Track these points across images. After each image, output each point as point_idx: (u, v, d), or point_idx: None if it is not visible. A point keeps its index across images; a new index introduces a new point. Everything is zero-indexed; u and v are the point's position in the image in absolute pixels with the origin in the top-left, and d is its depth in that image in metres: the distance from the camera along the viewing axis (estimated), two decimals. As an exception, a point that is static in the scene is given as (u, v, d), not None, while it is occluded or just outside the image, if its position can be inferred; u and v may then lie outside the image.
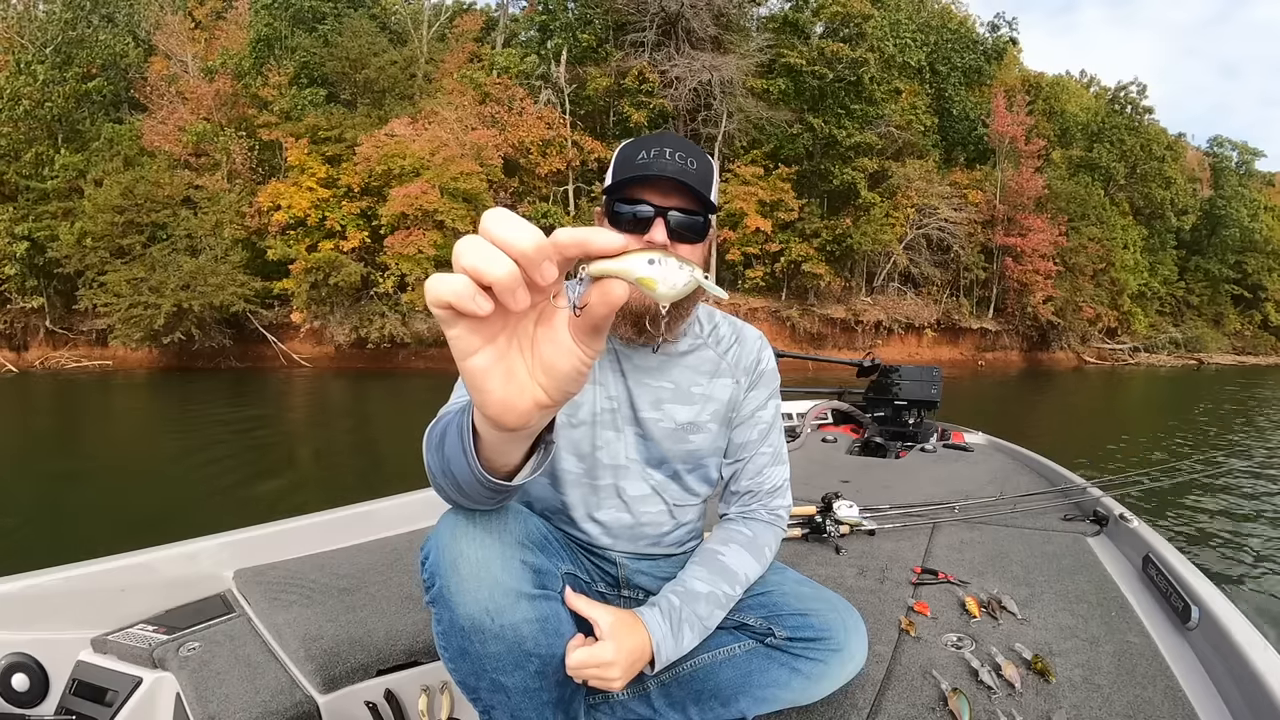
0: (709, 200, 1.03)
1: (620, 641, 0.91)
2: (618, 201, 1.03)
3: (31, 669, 1.30)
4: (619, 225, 1.03)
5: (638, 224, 1.01)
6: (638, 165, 1.01)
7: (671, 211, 1.01)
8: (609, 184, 1.05)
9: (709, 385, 1.16)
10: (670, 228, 1.01)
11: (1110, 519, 2.03)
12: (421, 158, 22.24)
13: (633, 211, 1.01)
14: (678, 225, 1.01)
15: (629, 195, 1.02)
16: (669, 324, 1.09)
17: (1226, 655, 1.18)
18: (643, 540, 1.17)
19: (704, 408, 1.16)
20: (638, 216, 1.01)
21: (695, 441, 1.16)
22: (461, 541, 0.84)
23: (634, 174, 1.00)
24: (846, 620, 1.08)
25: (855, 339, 27.64)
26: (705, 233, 1.05)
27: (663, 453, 1.15)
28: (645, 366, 1.14)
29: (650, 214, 1.01)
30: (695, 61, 26.59)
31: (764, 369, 1.21)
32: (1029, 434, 9.01)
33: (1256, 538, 4.64)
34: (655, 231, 1.01)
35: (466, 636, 0.84)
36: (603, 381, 1.13)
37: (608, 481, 1.14)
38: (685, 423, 1.14)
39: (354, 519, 1.96)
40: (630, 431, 1.14)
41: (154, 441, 9.61)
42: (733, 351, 1.20)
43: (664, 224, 1.01)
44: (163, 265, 22.91)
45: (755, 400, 1.20)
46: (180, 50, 27.94)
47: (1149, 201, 36.13)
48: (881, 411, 3.82)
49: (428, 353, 23.75)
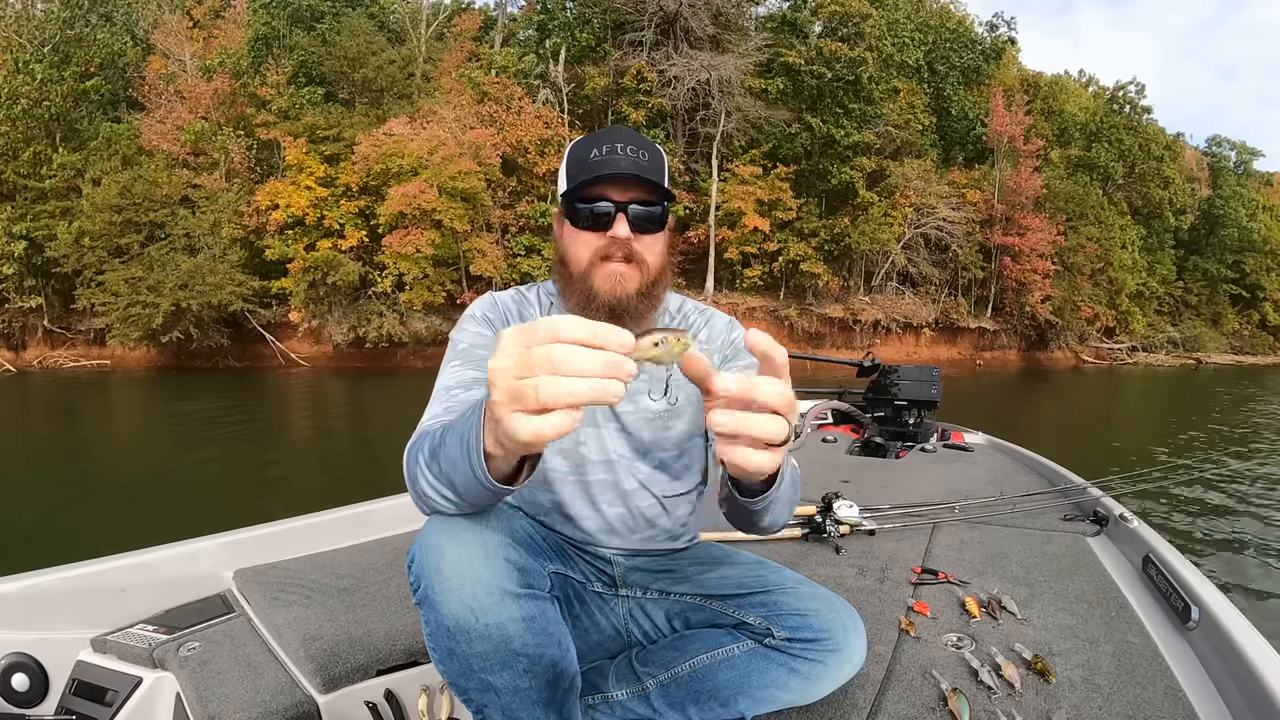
0: (665, 190, 1.06)
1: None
2: (577, 201, 1.05)
3: (31, 669, 1.30)
4: (579, 223, 1.06)
5: (598, 220, 1.04)
6: (592, 164, 1.04)
7: (631, 205, 1.04)
8: (566, 186, 1.07)
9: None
10: (630, 221, 1.04)
11: (1110, 519, 2.04)
12: (420, 157, 22.22)
13: (591, 209, 1.04)
14: (637, 218, 1.04)
15: (588, 194, 1.05)
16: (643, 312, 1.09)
17: (1226, 655, 1.18)
18: (638, 535, 1.17)
19: (677, 391, 1.16)
20: (597, 213, 1.04)
21: (676, 427, 1.16)
22: (445, 541, 0.83)
23: (591, 174, 1.03)
24: (845, 620, 1.08)
25: (853, 338, 27.66)
26: (664, 222, 1.09)
27: (645, 443, 1.15)
28: None
29: (610, 210, 1.04)
30: (693, 61, 26.60)
31: (737, 346, 1.20)
32: (1028, 434, 9.02)
33: (1256, 537, 4.65)
34: (617, 226, 1.03)
35: (452, 636, 0.83)
36: None
37: (599, 477, 1.14)
38: (662, 410, 1.15)
39: (353, 519, 1.96)
40: (610, 426, 1.15)
41: (152, 441, 9.60)
42: (704, 334, 1.21)
43: (625, 218, 1.04)
44: (161, 264, 22.88)
45: None
46: (178, 49, 27.89)
47: (1147, 201, 36.16)
48: (881, 411, 3.81)
49: (426, 352, 23.74)
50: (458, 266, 23.85)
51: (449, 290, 23.76)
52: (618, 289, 1.05)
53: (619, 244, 1.05)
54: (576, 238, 1.07)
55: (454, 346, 1.11)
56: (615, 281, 1.05)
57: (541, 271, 24.11)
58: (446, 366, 1.08)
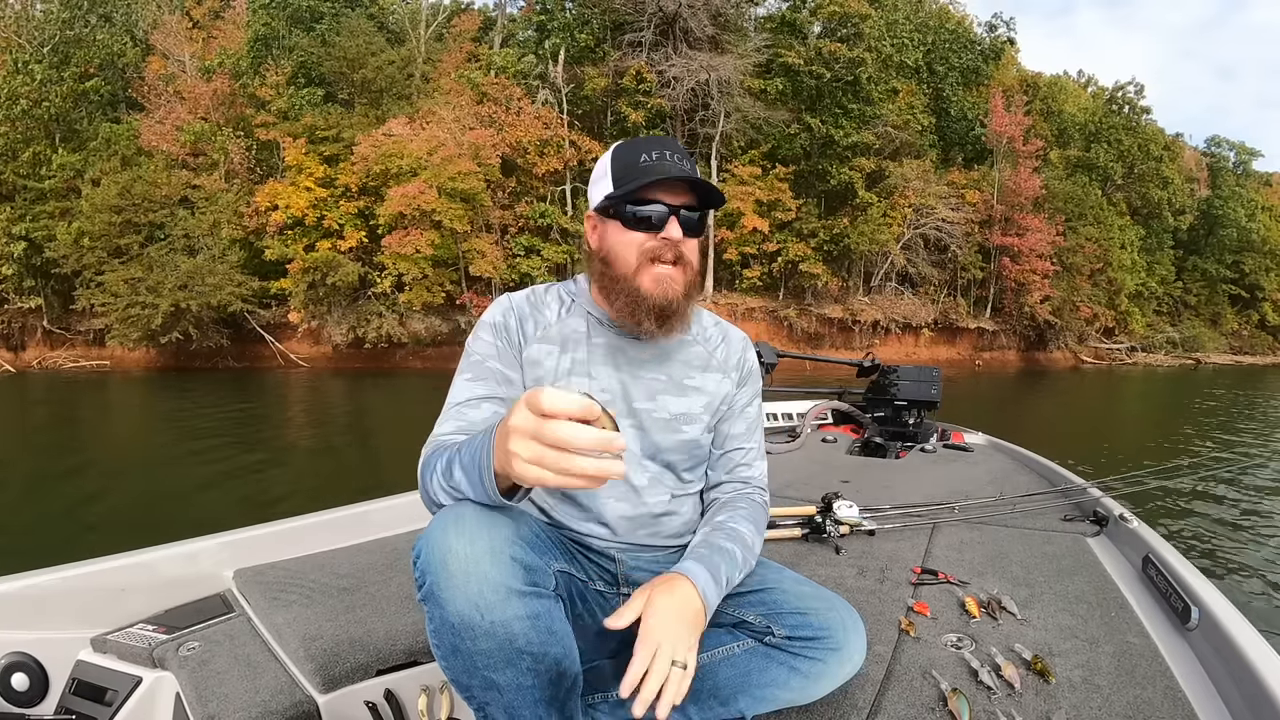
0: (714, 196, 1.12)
1: (659, 607, 0.93)
2: (629, 203, 1.10)
3: (31, 668, 1.30)
4: (633, 226, 1.10)
5: (651, 222, 1.10)
6: (644, 168, 1.08)
7: (683, 210, 1.10)
8: (616, 189, 1.10)
9: (700, 378, 1.22)
10: (682, 224, 1.10)
11: (1110, 519, 2.03)
12: (419, 157, 22.23)
13: (649, 211, 1.09)
14: (686, 221, 1.11)
15: (642, 196, 1.09)
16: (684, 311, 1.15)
17: (1226, 656, 1.18)
18: (645, 530, 1.18)
19: (696, 399, 1.21)
20: (654, 215, 1.09)
21: (688, 432, 1.19)
22: (451, 538, 0.84)
23: (649, 177, 1.07)
24: (845, 619, 1.08)
25: (853, 339, 27.68)
26: (704, 226, 1.16)
27: (656, 444, 1.17)
28: (640, 359, 1.18)
29: (665, 213, 1.09)
30: (693, 61, 26.61)
31: (750, 368, 1.30)
32: (1027, 434, 9.02)
33: (1256, 537, 4.65)
34: (670, 228, 1.09)
35: (457, 634, 0.83)
36: (595, 374, 1.16)
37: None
38: (679, 414, 1.19)
39: (353, 519, 1.95)
40: (626, 424, 1.16)
41: (152, 441, 9.60)
42: (720, 349, 1.27)
43: (677, 221, 1.10)
44: (160, 265, 22.88)
45: (745, 396, 1.28)
46: (178, 50, 27.92)
47: (1146, 201, 36.17)
48: (881, 411, 3.82)
49: (425, 352, 23.76)
50: (457, 267, 23.86)
51: (448, 291, 23.77)
52: (668, 291, 1.11)
53: (671, 246, 1.10)
54: (626, 238, 1.12)
55: (468, 356, 1.15)
56: (665, 284, 1.11)
57: (541, 272, 24.12)
58: (459, 377, 1.13)
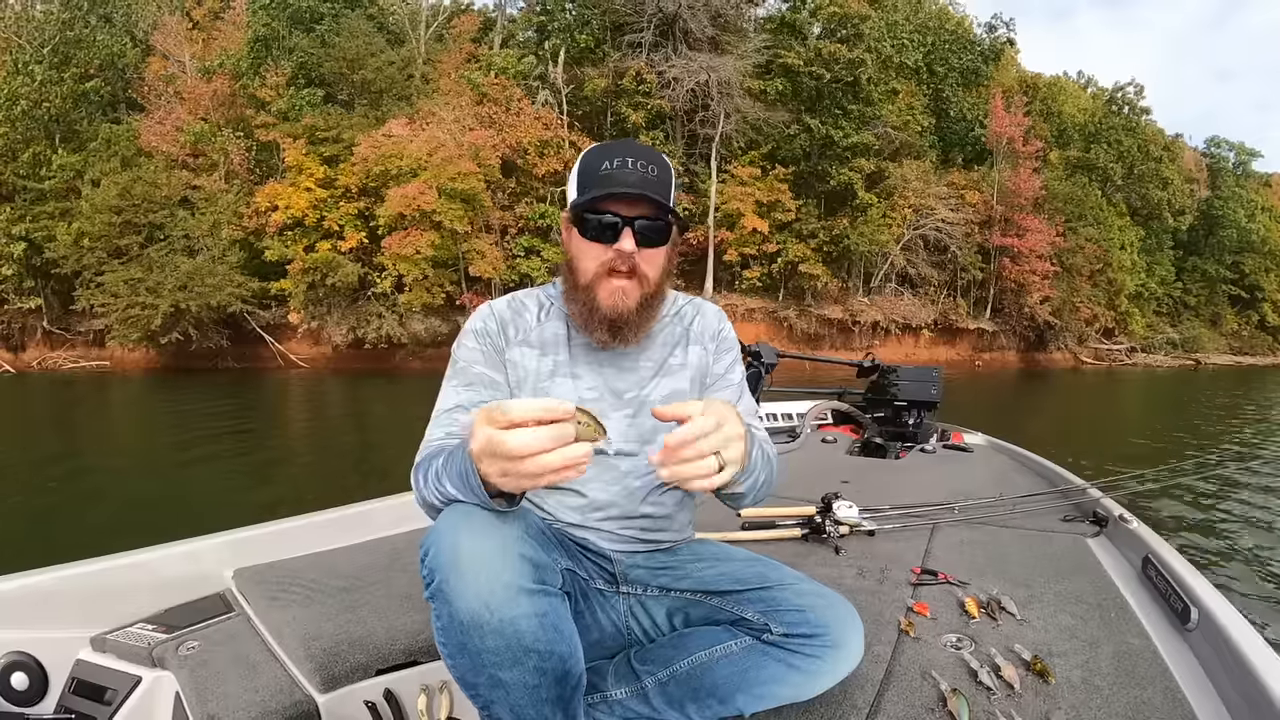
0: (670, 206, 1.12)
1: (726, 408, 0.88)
2: (586, 213, 1.11)
3: (31, 668, 1.30)
4: (587, 234, 1.11)
5: (605, 232, 1.10)
6: (602, 177, 1.09)
7: (637, 220, 1.10)
8: (578, 196, 1.11)
9: (682, 354, 1.25)
10: (636, 234, 1.10)
11: (1110, 520, 2.03)
12: (419, 158, 22.24)
13: (599, 220, 1.10)
14: (643, 231, 1.10)
15: (596, 206, 1.10)
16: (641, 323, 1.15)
17: (1226, 656, 1.18)
18: (638, 523, 1.19)
19: (682, 376, 1.23)
20: (604, 225, 1.10)
21: None
22: (461, 536, 0.84)
23: (601, 189, 1.08)
24: (843, 616, 1.08)
25: (852, 339, 27.70)
26: (669, 235, 1.14)
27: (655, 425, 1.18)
28: (621, 352, 1.20)
29: (617, 223, 1.10)
30: (693, 62, 26.64)
31: (725, 336, 1.31)
32: (1027, 435, 9.03)
33: (1256, 538, 4.65)
34: (624, 240, 1.09)
35: (465, 631, 0.83)
36: (579, 374, 1.18)
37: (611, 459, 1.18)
38: (671, 392, 1.21)
39: (353, 519, 1.95)
40: (619, 415, 1.17)
41: (151, 441, 9.60)
42: (696, 322, 1.29)
43: (631, 232, 1.09)
44: (160, 266, 22.89)
45: (723, 364, 1.29)
46: (178, 50, 27.93)
47: (1146, 202, 36.21)
48: (881, 412, 3.81)
49: (425, 353, 23.75)
50: (457, 268, 23.86)
51: (448, 291, 23.78)
52: (619, 305, 1.12)
53: (624, 257, 1.10)
54: (584, 248, 1.13)
55: (454, 363, 1.17)
56: (617, 297, 1.11)
57: (541, 273, 24.13)
58: (446, 384, 1.15)
